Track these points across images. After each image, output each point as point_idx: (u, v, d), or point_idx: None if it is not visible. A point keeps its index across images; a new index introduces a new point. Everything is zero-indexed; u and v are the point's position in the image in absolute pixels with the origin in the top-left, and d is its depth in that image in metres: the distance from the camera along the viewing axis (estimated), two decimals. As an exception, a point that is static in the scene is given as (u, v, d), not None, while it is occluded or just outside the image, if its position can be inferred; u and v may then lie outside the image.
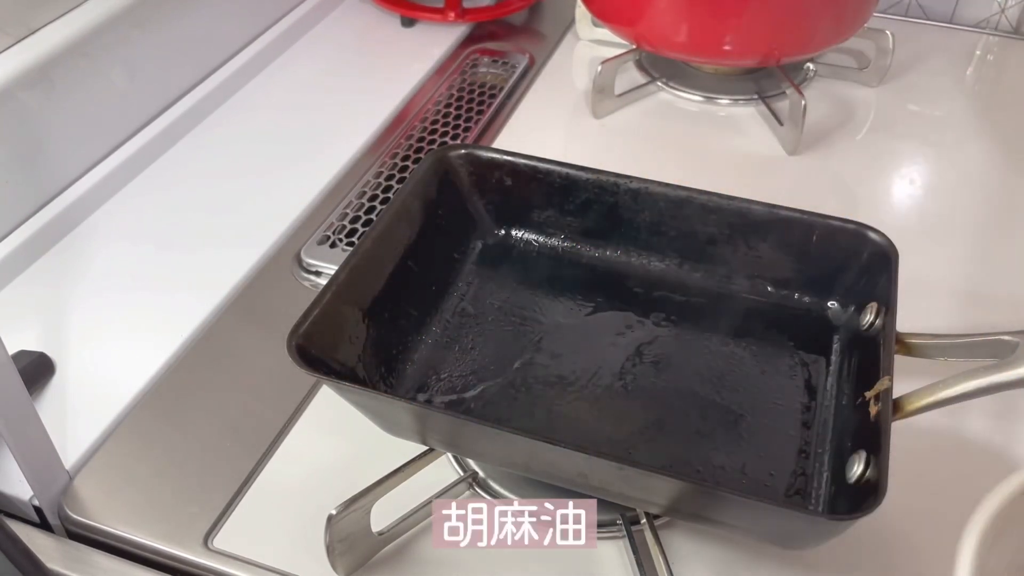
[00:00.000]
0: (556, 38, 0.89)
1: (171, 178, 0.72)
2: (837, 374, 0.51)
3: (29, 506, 0.50)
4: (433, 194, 0.56)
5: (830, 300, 0.53)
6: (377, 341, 0.50)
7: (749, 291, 0.55)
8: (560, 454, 0.41)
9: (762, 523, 0.41)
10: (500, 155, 0.57)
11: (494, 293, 0.57)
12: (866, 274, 0.51)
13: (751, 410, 0.50)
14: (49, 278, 0.63)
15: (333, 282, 0.48)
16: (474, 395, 0.51)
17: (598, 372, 0.52)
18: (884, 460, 0.39)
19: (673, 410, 0.50)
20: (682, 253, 0.56)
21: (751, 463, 0.48)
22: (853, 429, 0.45)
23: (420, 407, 0.47)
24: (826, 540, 0.40)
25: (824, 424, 0.48)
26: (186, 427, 0.54)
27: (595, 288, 0.57)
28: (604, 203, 0.56)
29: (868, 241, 0.50)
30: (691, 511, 0.43)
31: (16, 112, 0.63)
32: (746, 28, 0.73)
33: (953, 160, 0.74)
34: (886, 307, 0.47)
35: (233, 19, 0.82)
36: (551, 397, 0.51)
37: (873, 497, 0.37)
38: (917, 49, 0.85)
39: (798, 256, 0.53)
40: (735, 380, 0.51)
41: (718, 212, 0.54)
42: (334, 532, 0.43)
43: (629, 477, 0.41)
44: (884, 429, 0.40)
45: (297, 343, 0.44)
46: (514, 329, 0.55)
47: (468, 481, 0.49)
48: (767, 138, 0.76)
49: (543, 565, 0.47)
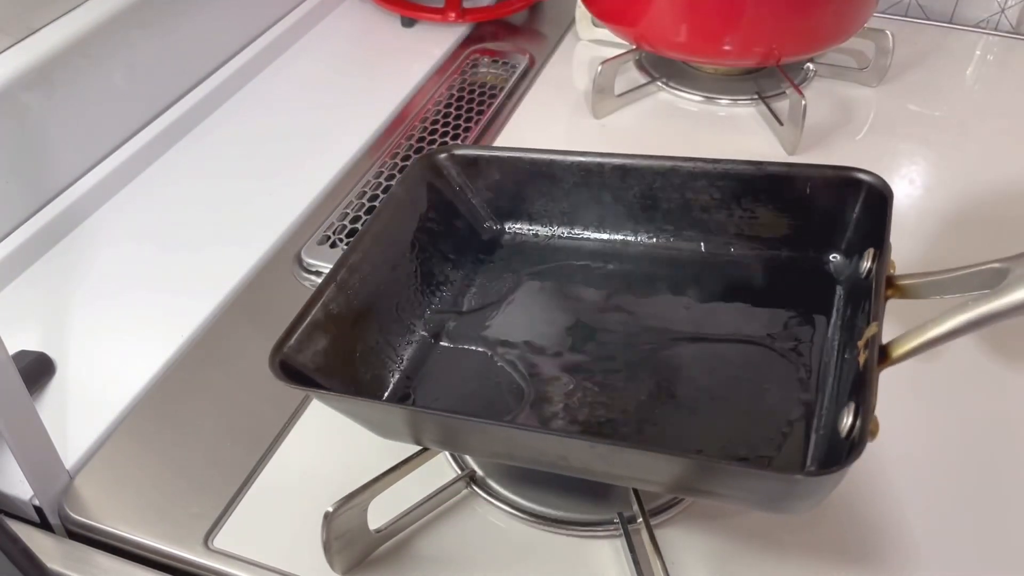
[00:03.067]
0: (556, 38, 0.89)
1: (171, 178, 0.72)
2: (839, 328, 0.49)
3: (29, 506, 0.50)
4: (422, 199, 0.56)
5: (831, 253, 0.52)
6: (366, 348, 0.50)
7: (748, 254, 0.54)
8: (537, 439, 0.41)
9: (742, 489, 0.40)
10: (484, 151, 0.57)
11: (492, 290, 0.57)
12: (862, 220, 0.50)
13: (755, 376, 0.49)
14: (49, 278, 0.63)
15: (317, 297, 0.48)
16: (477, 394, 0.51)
17: (600, 354, 0.52)
18: (868, 411, 0.37)
19: (680, 380, 0.49)
20: (677, 224, 0.55)
21: (756, 428, 0.46)
22: (849, 382, 0.43)
23: (404, 408, 0.47)
24: (813, 498, 0.39)
25: (824, 380, 0.47)
26: (186, 427, 0.54)
27: (593, 272, 0.56)
28: (592, 185, 0.56)
29: (861, 184, 0.49)
30: (673, 483, 0.42)
31: (16, 112, 0.63)
32: (746, 28, 0.73)
33: (953, 160, 0.74)
34: (880, 250, 0.46)
35: (233, 19, 0.82)
36: (551, 390, 0.51)
37: (854, 451, 0.35)
38: (917, 49, 0.85)
39: (793, 211, 0.52)
40: (739, 348, 0.50)
41: (706, 177, 0.53)
42: (331, 529, 0.43)
43: (604, 455, 0.41)
44: (869, 378, 0.38)
45: (281, 360, 0.45)
46: (513, 323, 0.55)
47: (466, 480, 0.50)
48: (767, 138, 0.76)
49: (540, 564, 0.47)
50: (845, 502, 0.48)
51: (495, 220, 0.59)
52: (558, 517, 0.48)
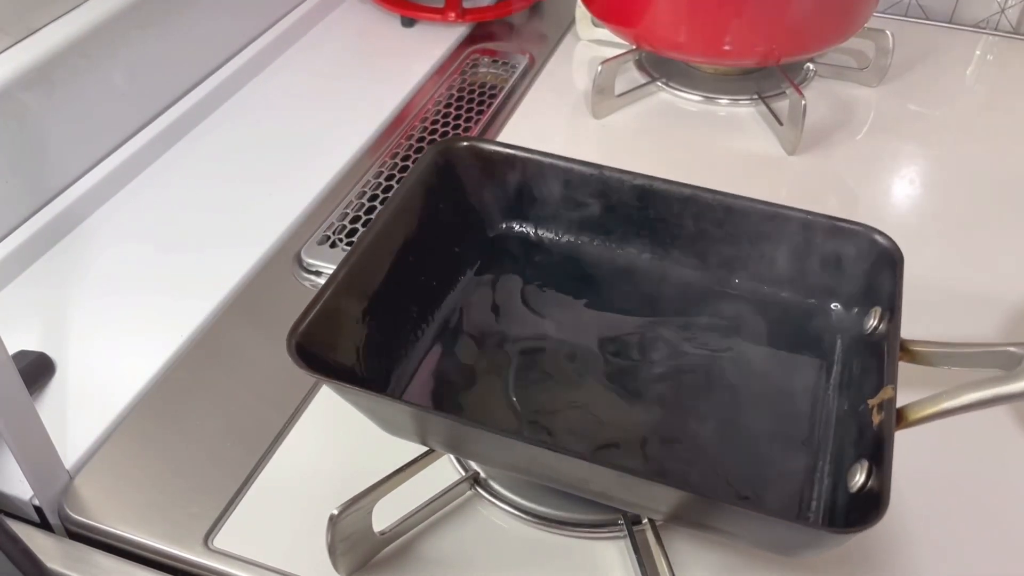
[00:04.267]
0: (556, 38, 0.89)
1: (171, 178, 0.72)
2: (839, 378, 0.50)
3: (29, 506, 0.50)
4: (435, 187, 0.55)
5: (833, 302, 0.53)
6: (377, 339, 0.50)
7: (751, 291, 0.55)
8: (562, 461, 0.41)
9: (761, 533, 0.41)
10: (504, 148, 0.57)
11: (496, 289, 0.57)
12: (870, 277, 0.50)
13: (752, 414, 0.50)
14: (49, 278, 0.63)
15: (333, 280, 0.48)
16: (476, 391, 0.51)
17: (597, 369, 0.52)
18: (887, 472, 0.38)
19: (674, 413, 0.50)
20: (684, 251, 0.56)
21: (752, 468, 0.47)
22: (855, 436, 0.44)
23: (419, 409, 0.46)
24: (827, 550, 0.40)
25: (826, 429, 0.48)
26: (186, 427, 0.54)
27: (596, 284, 0.56)
28: (608, 199, 0.56)
29: (874, 244, 0.50)
30: (690, 519, 0.43)
31: (16, 112, 0.63)
32: (746, 28, 0.73)
33: (953, 160, 0.74)
34: (890, 312, 0.47)
35: (233, 19, 0.82)
36: (551, 393, 0.51)
37: (875, 510, 0.37)
38: (917, 49, 0.85)
39: (802, 257, 0.53)
40: (737, 383, 0.51)
41: (722, 210, 0.53)
42: (336, 532, 0.43)
43: (629, 485, 0.40)
44: (887, 439, 0.40)
45: (297, 342, 0.44)
46: (516, 326, 0.55)
47: (470, 481, 0.49)
48: (767, 138, 0.76)
49: (545, 565, 0.47)
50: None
51: (504, 219, 0.59)
52: (563, 519, 0.48)
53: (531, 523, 0.48)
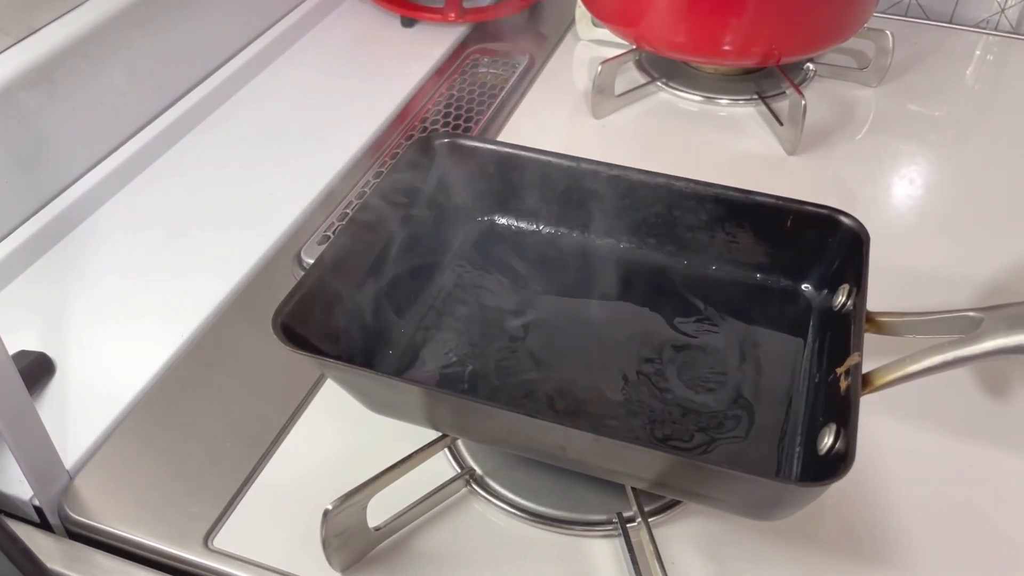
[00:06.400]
0: (556, 38, 0.89)
1: (171, 178, 0.72)
2: (811, 353, 0.52)
3: (29, 506, 0.50)
4: (418, 180, 0.57)
5: (804, 283, 0.55)
6: (362, 324, 0.51)
7: (728, 275, 0.57)
8: (539, 427, 0.42)
9: (736, 493, 0.42)
10: (482, 143, 0.59)
11: (479, 278, 0.58)
12: (839, 257, 0.53)
13: (732, 390, 0.51)
14: (49, 278, 0.63)
15: (318, 264, 0.49)
16: (458, 376, 0.52)
17: (578, 354, 0.53)
18: (853, 431, 0.40)
19: (653, 392, 0.51)
20: (661, 238, 0.58)
21: (732, 440, 0.49)
22: (824, 404, 0.46)
23: (399, 381, 0.47)
24: (799, 507, 0.41)
25: (799, 401, 0.50)
26: (186, 427, 0.54)
27: (577, 273, 0.58)
28: (585, 190, 0.57)
29: (840, 225, 0.52)
30: (668, 483, 0.44)
31: (16, 112, 0.63)
32: (746, 28, 0.73)
33: (953, 160, 0.74)
34: (857, 287, 0.49)
35: (233, 19, 0.82)
36: (534, 380, 0.52)
37: (843, 465, 0.38)
38: (917, 49, 0.85)
39: (774, 241, 0.55)
40: (716, 362, 0.53)
41: (696, 198, 0.55)
42: (330, 527, 0.43)
43: (605, 448, 0.42)
44: (853, 402, 0.42)
45: (282, 322, 0.45)
46: (498, 314, 0.56)
47: (465, 478, 0.50)
48: (767, 138, 0.76)
49: (538, 562, 0.47)
50: (837, 513, 0.49)
51: (484, 211, 0.60)
52: (557, 516, 0.48)
53: (526, 520, 0.48)
